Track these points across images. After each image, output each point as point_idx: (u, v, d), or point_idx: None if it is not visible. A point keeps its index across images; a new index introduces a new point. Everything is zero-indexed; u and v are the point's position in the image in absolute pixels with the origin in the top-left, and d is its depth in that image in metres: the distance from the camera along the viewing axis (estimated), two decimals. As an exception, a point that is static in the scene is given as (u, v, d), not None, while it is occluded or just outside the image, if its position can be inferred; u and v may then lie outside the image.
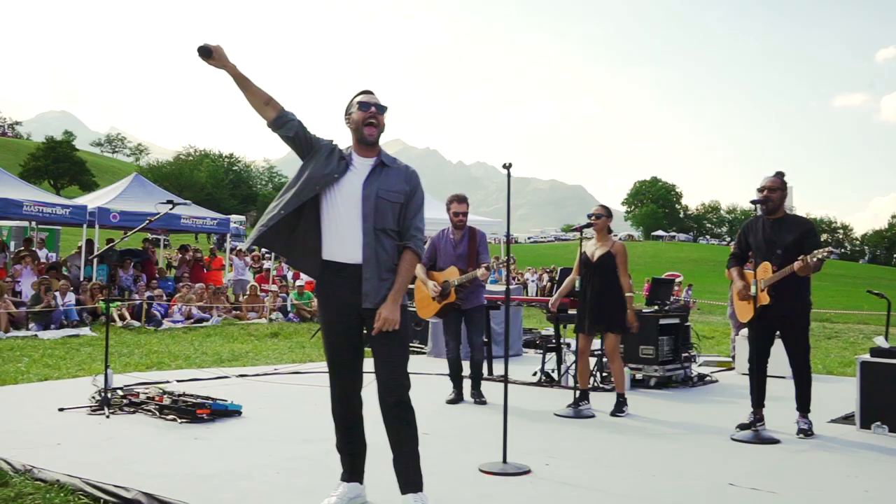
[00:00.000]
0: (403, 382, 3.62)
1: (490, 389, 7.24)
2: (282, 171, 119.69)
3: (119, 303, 13.75)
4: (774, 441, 5.47)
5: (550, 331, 12.10)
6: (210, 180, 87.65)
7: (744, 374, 9.16)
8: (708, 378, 8.62)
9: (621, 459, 4.96)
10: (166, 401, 5.94)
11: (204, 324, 14.52)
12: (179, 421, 5.63)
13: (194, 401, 5.90)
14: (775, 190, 5.76)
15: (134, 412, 5.95)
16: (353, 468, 3.84)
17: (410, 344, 3.56)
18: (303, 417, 6.13)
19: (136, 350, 10.29)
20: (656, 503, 4.00)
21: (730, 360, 10.26)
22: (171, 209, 6.20)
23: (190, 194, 62.78)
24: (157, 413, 5.82)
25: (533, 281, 32.73)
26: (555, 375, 8.32)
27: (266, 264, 19.50)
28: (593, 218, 6.59)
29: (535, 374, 8.43)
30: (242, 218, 61.34)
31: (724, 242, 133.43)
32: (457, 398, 7.00)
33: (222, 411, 5.88)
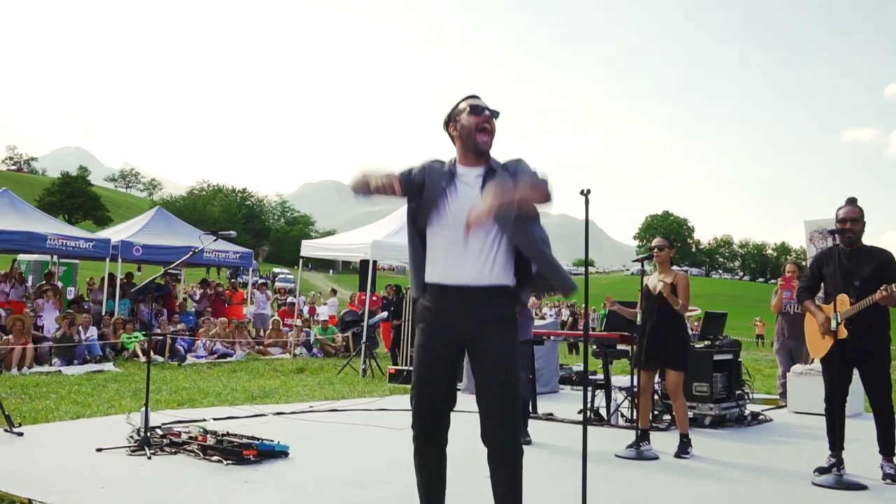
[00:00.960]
0: (513, 439, 3.20)
1: (535, 428, 6.93)
2: (294, 206, 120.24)
3: (142, 337, 13.51)
4: (861, 487, 5.11)
5: (580, 366, 11.78)
6: (223, 215, 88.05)
7: (797, 412, 8.81)
8: (762, 417, 8.25)
9: (703, 506, 4.63)
10: (210, 441, 5.64)
11: (228, 359, 14.23)
12: (225, 462, 5.32)
13: (240, 441, 5.60)
14: (857, 221, 5.47)
15: (175, 453, 5.64)
16: None
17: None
18: (352, 459, 5.82)
19: (164, 386, 10.00)
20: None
21: (776, 397, 9.88)
22: (214, 241, 5.96)
23: (203, 229, 62.80)
24: (201, 454, 5.52)
25: (551, 315, 32.31)
26: (603, 413, 7.98)
27: (290, 298, 19.24)
28: (656, 250, 6.31)
29: (579, 412, 8.11)
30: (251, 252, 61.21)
31: (738, 277, 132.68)
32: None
33: (269, 452, 5.57)
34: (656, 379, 7.30)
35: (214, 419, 7.20)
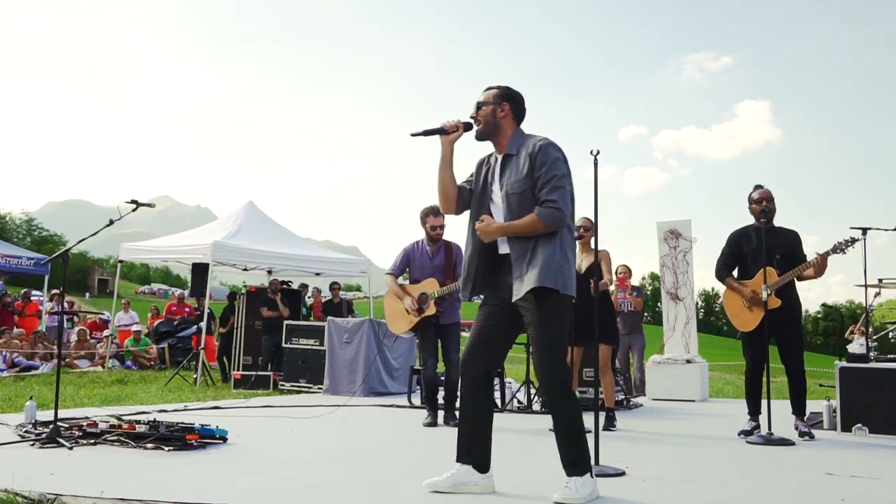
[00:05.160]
0: (551, 374, 3.48)
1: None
2: (42, 224, 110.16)
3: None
4: (789, 442, 5.53)
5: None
6: (-41, 232, 78.97)
7: (656, 399, 9.41)
8: (632, 402, 8.70)
9: (695, 464, 4.70)
10: (140, 428, 5.01)
11: (34, 372, 12.73)
12: (167, 449, 4.75)
13: (178, 426, 5.04)
14: (771, 200, 5.98)
15: (95, 444, 4.96)
16: (465, 450, 3.59)
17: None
18: (294, 442, 5.44)
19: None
20: (778, 499, 3.83)
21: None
22: (134, 210, 5.33)
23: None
24: (131, 442, 4.88)
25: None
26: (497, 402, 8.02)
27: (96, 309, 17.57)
28: (582, 230, 6.47)
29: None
30: None
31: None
32: (434, 421, 6.54)
33: (210, 436, 5.07)
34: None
35: (98, 417, 6.40)
